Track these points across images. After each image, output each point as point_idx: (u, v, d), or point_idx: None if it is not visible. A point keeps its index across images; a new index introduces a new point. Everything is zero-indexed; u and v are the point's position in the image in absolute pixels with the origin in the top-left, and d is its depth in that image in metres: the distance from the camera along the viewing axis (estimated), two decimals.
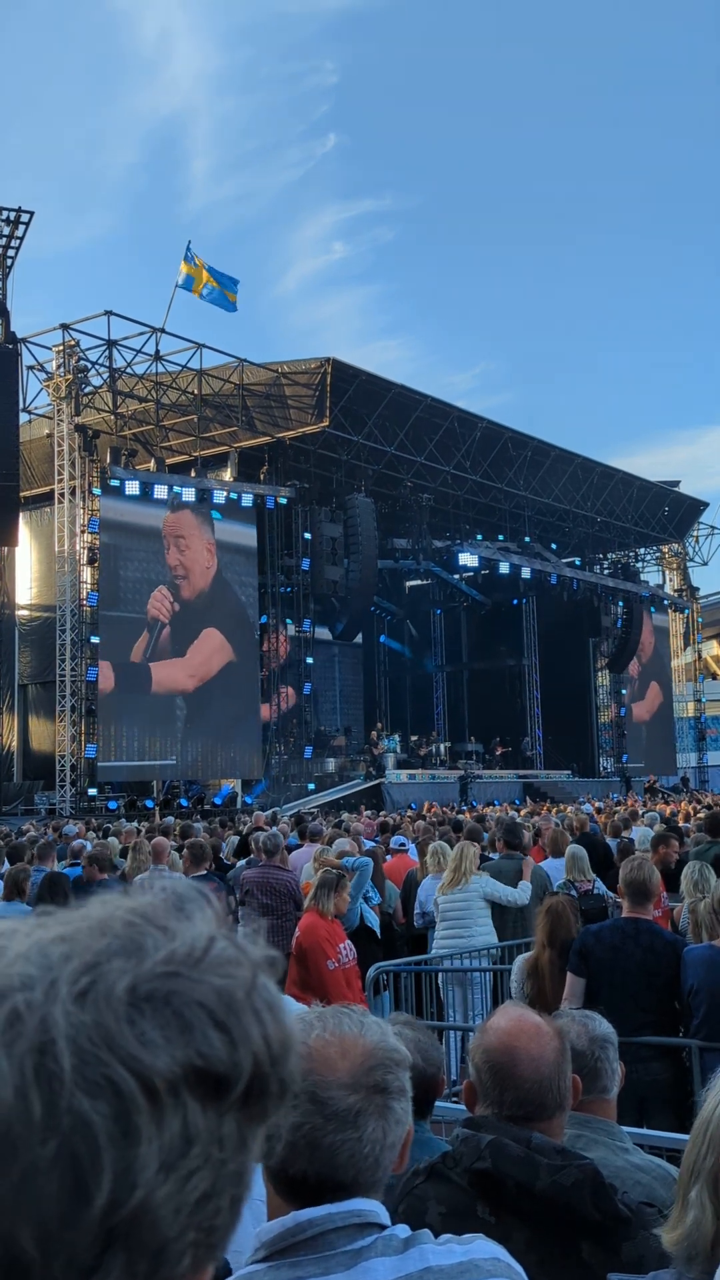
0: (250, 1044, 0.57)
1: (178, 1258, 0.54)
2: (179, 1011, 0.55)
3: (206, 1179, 0.55)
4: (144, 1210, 0.52)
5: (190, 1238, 0.55)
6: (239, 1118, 0.57)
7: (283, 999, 0.62)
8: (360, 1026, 1.53)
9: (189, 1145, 0.54)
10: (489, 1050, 2.28)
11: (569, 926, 5.79)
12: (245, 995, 0.58)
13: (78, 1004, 0.53)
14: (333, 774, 35.89)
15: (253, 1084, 0.57)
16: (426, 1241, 1.48)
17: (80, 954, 0.56)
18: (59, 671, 29.98)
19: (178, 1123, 0.54)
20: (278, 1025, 0.59)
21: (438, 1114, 3.56)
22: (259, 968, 0.61)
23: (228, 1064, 0.56)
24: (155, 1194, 0.52)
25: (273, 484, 33.96)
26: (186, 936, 0.58)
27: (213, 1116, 0.55)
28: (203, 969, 0.57)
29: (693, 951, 5.64)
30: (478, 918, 8.69)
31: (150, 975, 0.56)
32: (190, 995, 0.56)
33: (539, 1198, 2.11)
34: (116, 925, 0.58)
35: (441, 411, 37.02)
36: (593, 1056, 2.99)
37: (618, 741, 46.50)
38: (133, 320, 31.02)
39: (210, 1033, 0.56)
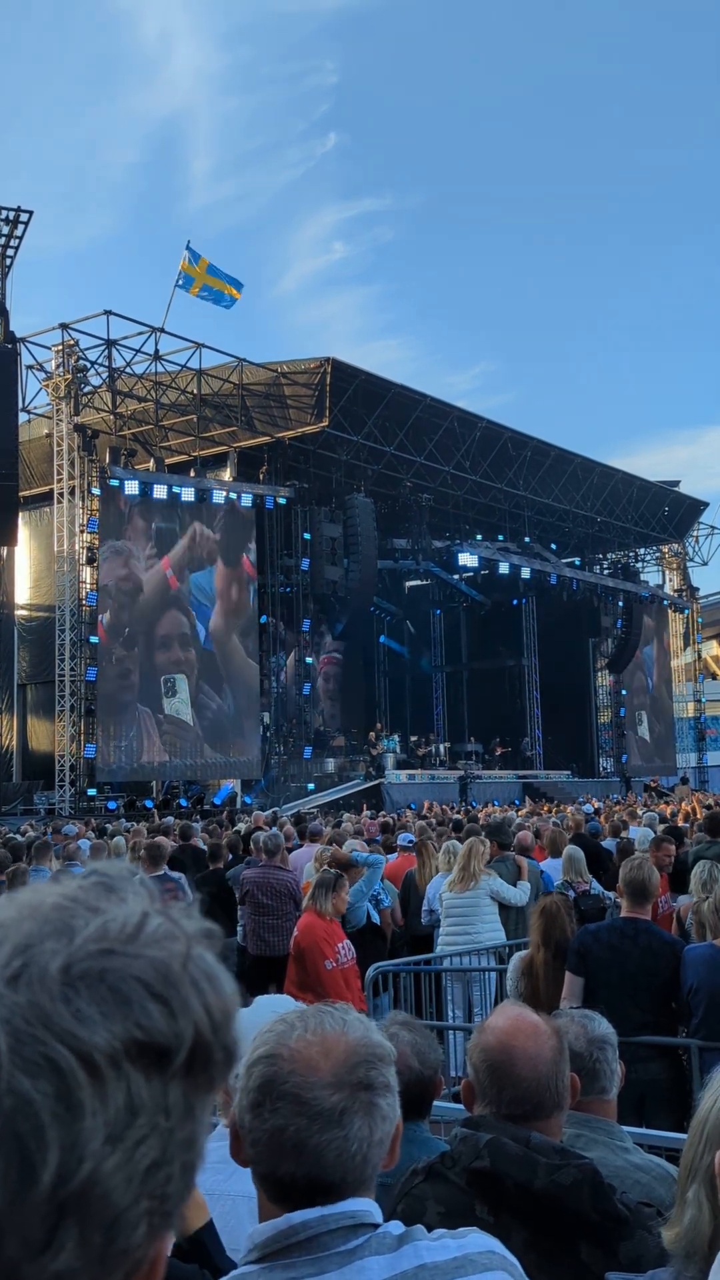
0: (190, 1014, 0.58)
1: (132, 1227, 0.55)
2: (114, 987, 0.56)
3: (155, 1147, 0.56)
4: (93, 1182, 0.52)
5: (144, 1206, 0.55)
6: (184, 1086, 0.58)
7: (221, 969, 0.62)
8: (342, 1024, 1.51)
9: (134, 1115, 0.55)
10: (487, 1049, 2.27)
11: (563, 926, 5.79)
12: (181, 967, 0.59)
13: (10, 987, 0.54)
14: (332, 774, 35.90)
15: (195, 1053, 0.58)
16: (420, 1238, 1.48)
17: (10, 938, 0.56)
18: (58, 671, 29.99)
19: (121, 1094, 0.54)
20: (217, 994, 0.60)
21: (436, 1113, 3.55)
22: (194, 940, 0.61)
23: (168, 1034, 0.57)
24: (103, 1165, 0.53)
25: (272, 484, 33.96)
26: (118, 915, 0.59)
27: (157, 1086, 0.56)
28: (137, 945, 0.58)
29: (693, 951, 5.65)
30: (485, 916, 8.68)
31: (83, 954, 0.56)
32: (125, 970, 0.57)
33: (537, 1197, 2.11)
34: (46, 909, 0.58)
35: (441, 411, 37.02)
36: (591, 1057, 2.99)
37: (617, 742, 46.51)
38: (132, 320, 31.06)
39: (148, 1005, 0.56)
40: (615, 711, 46.71)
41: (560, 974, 5.67)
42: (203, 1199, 2.13)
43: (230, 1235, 2.25)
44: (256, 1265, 1.42)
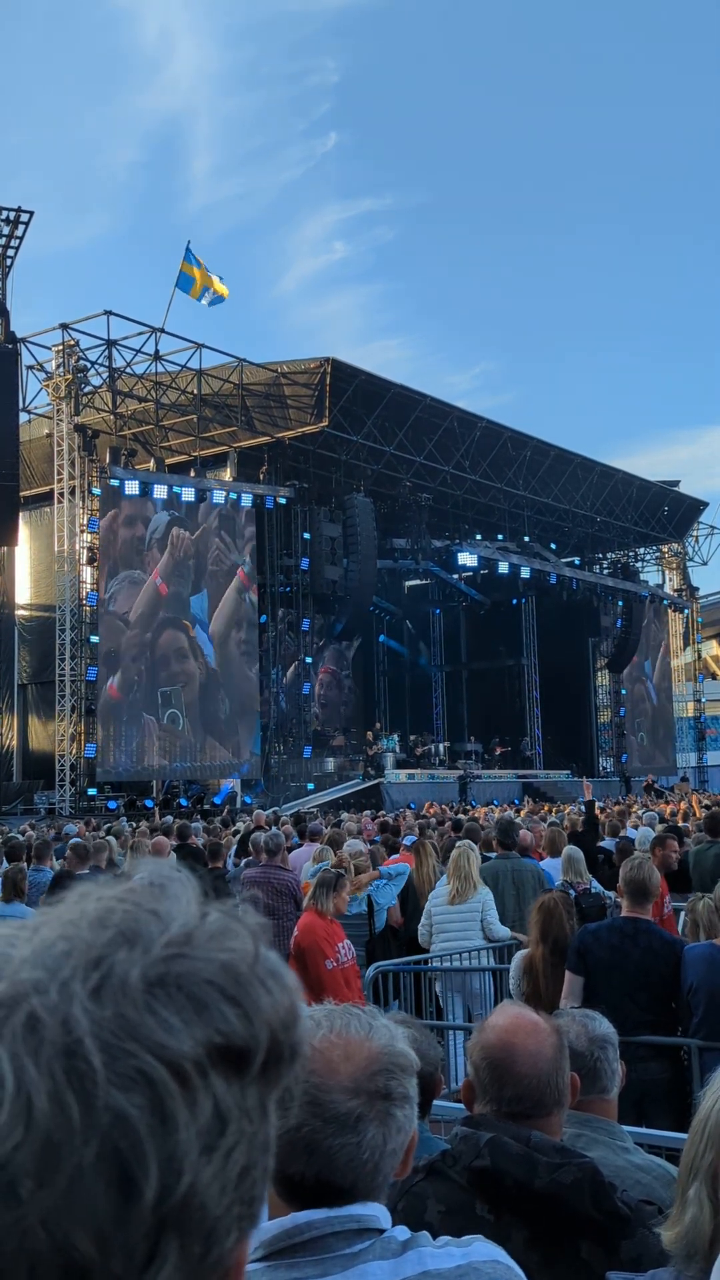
0: (263, 1014, 0.57)
1: (226, 1233, 0.55)
2: (191, 993, 0.55)
3: (244, 1153, 0.55)
4: (193, 1194, 0.52)
5: (236, 1212, 0.55)
6: (260, 1089, 0.57)
7: (284, 967, 0.62)
8: (368, 1029, 1.50)
9: (224, 1124, 0.54)
10: (487, 1047, 2.28)
11: (561, 923, 5.78)
12: (249, 968, 0.58)
13: (95, 1000, 0.53)
14: (332, 774, 35.91)
15: (270, 1053, 0.57)
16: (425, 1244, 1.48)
17: (83, 950, 0.55)
18: (58, 671, 30.00)
19: (209, 1103, 0.54)
20: (284, 992, 0.60)
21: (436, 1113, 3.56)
22: (257, 936, 0.60)
23: (246, 1037, 0.56)
24: (201, 1176, 0.53)
25: (272, 484, 33.97)
26: (179, 916, 0.58)
27: (238, 1090, 0.56)
28: (204, 946, 0.57)
29: (693, 950, 5.65)
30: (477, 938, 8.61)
31: (156, 960, 0.55)
32: (199, 975, 0.56)
33: (538, 1196, 2.11)
34: (110, 916, 0.57)
35: (441, 411, 37.03)
36: (592, 1056, 2.99)
37: (617, 742, 46.52)
38: (132, 320, 31.08)
39: (225, 1009, 0.56)
40: (615, 711, 46.72)
41: (560, 970, 5.68)
42: None
43: None
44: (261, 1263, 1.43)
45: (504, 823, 10.95)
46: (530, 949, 5.93)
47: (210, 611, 32.63)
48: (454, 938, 8.57)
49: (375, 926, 8.90)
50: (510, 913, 8.78)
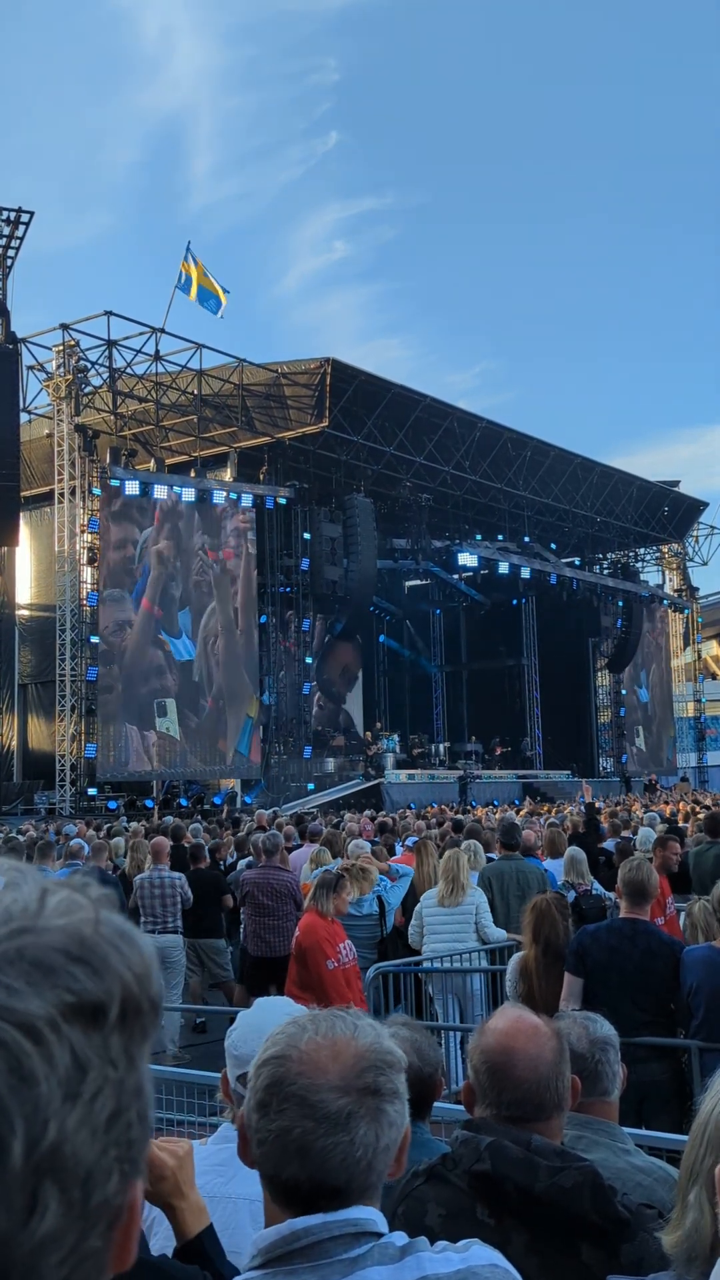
0: (113, 971, 0.61)
1: (106, 1176, 0.58)
2: (35, 960, 0.59)
3: (110, 1098, 0.59)
4: (61, 1140, 0.56)
5: (112, 1155, 0.59)
6: (122, 1038, 0.61)
7: (131, 928, 0.65)
8: (353, 1029, 1.50)
9: (84, 1071, 0.58)
10: (486, 1051, 2.28)
11: (554, 923, 5.78)
12: (94, 930, 0.62)
13: None
14: (332, 774, 35.91)
15: (126, 1006, 0.61)
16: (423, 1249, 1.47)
17: None
18: (59, 671, 30.01)
19: (67, 1055, 0.57)
20: (134, 950, 0.64)
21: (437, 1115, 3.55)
22: (98, 904, 0.64)
23: (97, 992, 0.60)
24: (67, 1122, 0.56)
25: (272, 484, 33.97)
26: (19, 897, 0.62)
27: (98, 1041, 0.59)
28: (44, 919, 0.61)
29: (693, 952, 5.65)
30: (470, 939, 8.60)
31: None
32: (44, 944, 0.60)
33: (538, 1200, 2.11)
34: None
35: (441, 411, 37.03)
36: (593, 1059, 2.99)
37: (617, 742, 46.52)
38: (132, 320, 31.09)
39: (72, 969, 0.60)
40: (615, 711, 46.73)
41: (553, 971, 5.68)
42: (203, 1203, 2.13)
43: (231, 1238, 2.24)
44: (259, 1271, 1.42)
45: (506, 824, 10.95)
46: (525, 950, 5.93)
47: (210, 611, 32.62)
48: (445, 939, 8.55)
49: (386, 927, 8.90)
50: (515, 914, 8.74)
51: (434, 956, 8.62)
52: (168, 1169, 2.03)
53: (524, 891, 9.07)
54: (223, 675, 32.67)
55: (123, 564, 30.76)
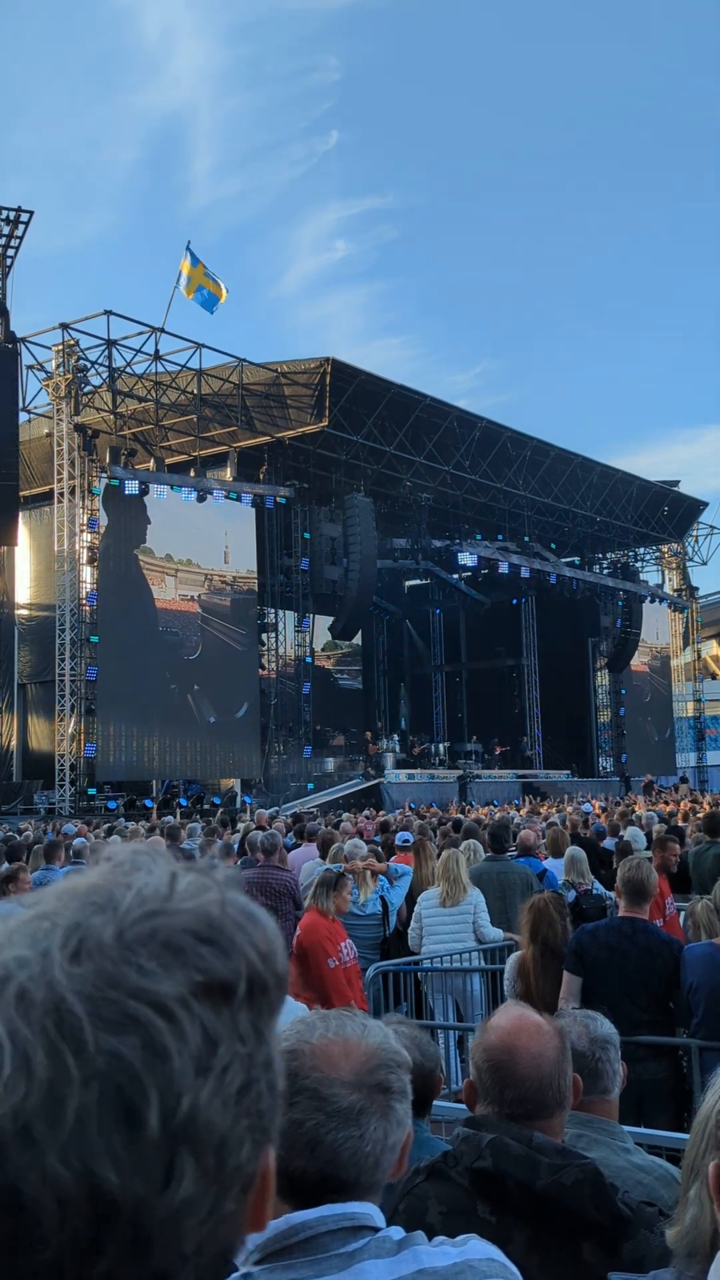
0: (239, 950, 0.65)
1: (239, 1144, 0.62)
2: (166, 942, 0.62)
3: (240, 1071, 0.63)
4: (195, 1111, 0.60)
5: (244, 1124, 0.63)
6: (250, 1014, 0.64)
7: (256, 908, 0.69)
8: (363, 1029, 1.53)
9: (214, 1046, 0.62)
10: (489, 1049, 2.28)
11: (551, 922, 5.78)
12: (220, 911, 0.65)
13: (74, 962, 0.60)
14: (332, 774, 35.91)
15: (252, 983, 0.65)
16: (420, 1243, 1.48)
17: (60, 922, 0.62)
18: (58, 671, 30.01)
19: (198, 1031, 0.61)
20: (259, 930, 0.67)
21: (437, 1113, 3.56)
22: (224, 886, 0.68)
23: (225, 972, 0.63)
24: (200, 1094, 0.60)
25: (272, 484, 33.97)
26: (150, 881, 0.65)
27: (227, 1018, 0.63)
28: (175, 901, 0.64)
29: (693, 950, 5.66)
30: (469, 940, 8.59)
31: (130, 920, 0.63)
32: (174, 926, 0.63)
33: (539, 1197, 2.11)
34: (82, 891, 0.65)
35: (440, 411, 37.02)
36: (593, 1057, 3.00)
37: (617, 742, 46.51)
38: (132, 320, 31.07)
39: (202, 949, 0.63)
40: (615, 711, 46.72)
41: (551, 970, 5.68)
42: None
43: None
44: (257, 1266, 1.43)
45: (496, 825, 10.94)
46: (522, 949, 5.94)
47: (211, 611, 32.64)
48: (444, 940, 8.54)
49: (388, 928, 8.90)
50: (495, 916, 8.74)
51: (433, 956, 8.62)
52: None
53: (504, 893, 9.05)
54: (223, 675, 32.67)
55: (122, 563, 30.74)
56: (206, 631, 32.55)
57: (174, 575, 31.82)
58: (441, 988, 8.73)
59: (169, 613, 31.82)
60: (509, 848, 10.40)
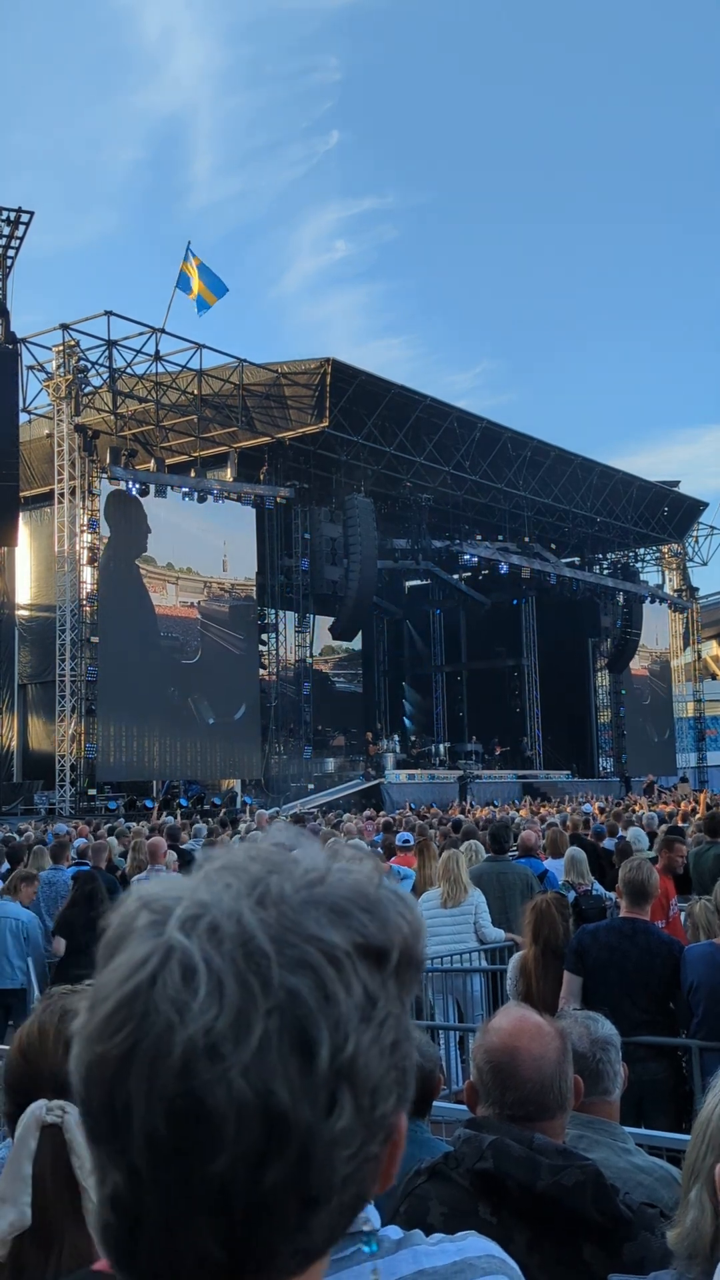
0: (393, 924, 0.71)
1: (388, 1093, 0.68)
2: (332, 905, 0.68)
3: (393, 1028, 0.68)
4: (358, 1054, 0.65)
5: (392, 1077, 0.68)
6: (397, 984, 0.70)
7: (405, 893, 0.75)
8: None
9: (374, 1002, 0.67)
10: (490, 1050, 2.28)
11: (553, 923, 5.79)
12: (376, 890, 0.71)
13: (259, 907, 0.66)
14: (332, 774, 35.91)
15: (402, 956, 0.70)
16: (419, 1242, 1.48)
17: (243, 876, 0.69)
18: (58, 671, 30.01)
19: (360, 986, 0.67)
20: (409, 910, 0.73)
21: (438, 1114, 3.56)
22: (377, 870, 0.74)
23: (381, 938, 0.69)
24: (362, 1039, 0.66)
25: (272, 484, 33.98)
26: (312, 856, 0.72)
27: (379, 981, 0.68)
28: (335, 874, 0.71)
29: (693, 950, 5.66)
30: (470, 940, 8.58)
31: (301, 884, 0.69)
32: (338, 893, 0.69)
33: (540, 1198, 2.11)
34: (261, 855, 0.71)
35: (441, 412, 37.02)
36: (594, 1058, 3.00)
37: (617, 742, 46.51)
38: (132, 320, 31.09)
39: (362, 917, 0.69)
40: (615, 711, 46.72)
41: (552, 970, 5.68)
42: None
43: None
44: None
45: (497, 826, 10.94)
46: (524, 949, 5.94)
47: (211, 611, 32.65)
48: (445, 941, 8.52)
49: None
50: (495, 916, 8.74)
51: (434, 957, 8.61)
52: None
53: (504, 894, 9.04)
54: (222, 678, 32.68)
55: (123, 569, 30.76)
56: (206, 637, 32.56)
57: (174, 583, 31.84)
58: (442, 988, 8.72)
59: (169, 619, 31.84)
60: (509, 848, 10.40)
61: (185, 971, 0.63)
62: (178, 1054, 0.62)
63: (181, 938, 0.65)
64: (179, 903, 0.67)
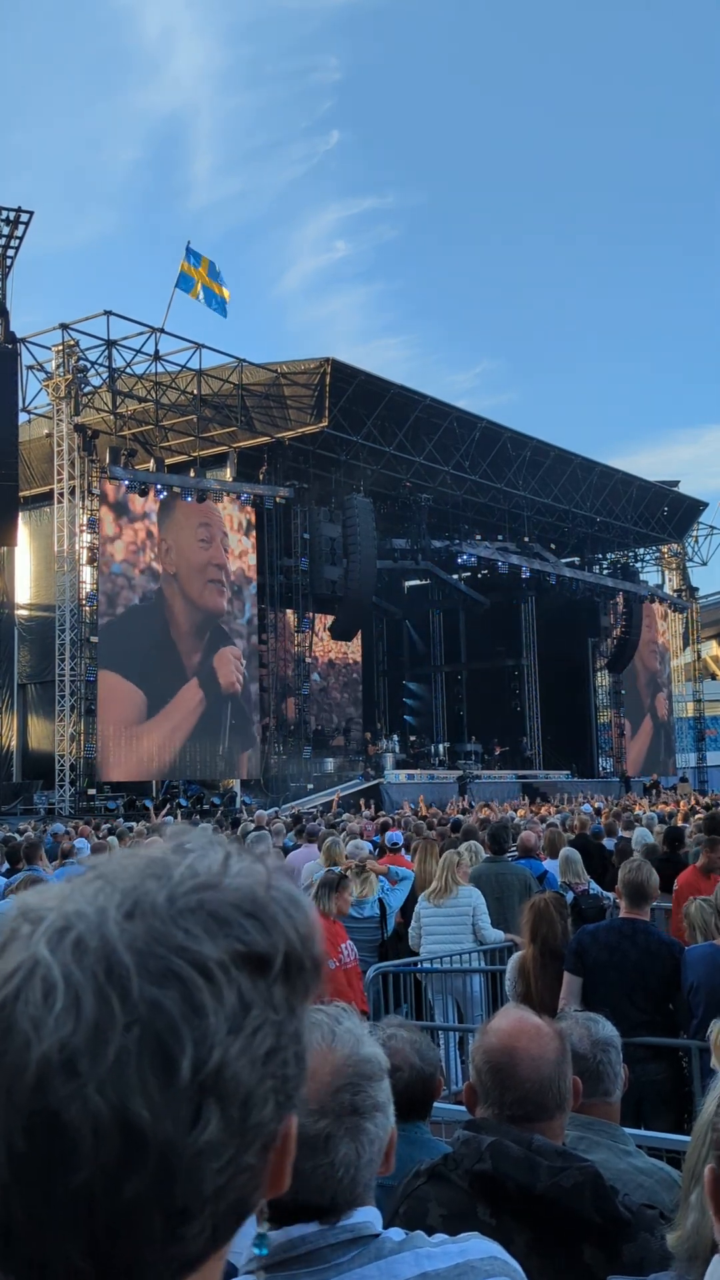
0: (280, 928, 0.70)
1: (262, 1102, 0.67)
2: (213, 912, 0.68)
3: (270, 1036, 0.68)
4: (224, 1064, 0.65)
5: (269, 1085, 0.68)
6: (284, 989, 0.70)
7: (301, 894, 0.74)
8: (331, 1037, 1.47)
9: (247, 1009, 0.67)
10: (489, 1051, 2.28)
11: (551, 923, 5.78)
12: (265, 892, 0.71)
13: (127, 920, 0.66)
14: (331, 774, 35.90)
15: (289, 961, 0.70)
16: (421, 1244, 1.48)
17: (117, 885, 0.68)
18: (58, 671, 30.01)
19: (234, 994, 0.66)
20: (300, 913, 0.73)
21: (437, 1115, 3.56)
22: (274, 872, 0.73)
23: (264, 945, 0.69)
24: (230, 1050, 0.65)
25: (271, 484, 33.98)
26: (207, 860, 0.71)
27: (262, 987, 0.68)
28: (225, 879, 0.70)
29: (694, 951, 5.66)
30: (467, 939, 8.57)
31: (182, 891, 0.68)
32: (220, 899, 0.69)
33: (539, 1200, 2.11)
34: (142, 863, 0.70)
35: (440, 411, 37.02)
36: (594, 1059, 2.99)
37: (617, 742, 46.50)
38: (132, 320, 31.09)
39: (244, 922, 0.69)
40: (615, 711, 46.71)
41: (551, 971, 5.68)
42: None
43: None
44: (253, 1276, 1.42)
45: (496, 826, 10.93)
46: (523, 950, 5.94)
47: (210, 611, 32.64)
48: (442, 940, 8.52)
49: (386, 930, 8.89)
50: (493, 917, 8.73)
51: (432, 957, 8.61)
52: None
53: (502, 894, 9.04)
54: (222, 676, 32.67)
55: (122, 563, 30.78)
56: (206, 637, 32.52)
57: (174, 583, 31.79)
58: (442, 989, 8.71)
59: (168, 617, 31.79)
60: (508, 849, 10.39)
61: (46, 987, 0.63)
62: (33, 1069, 0.62)
63: (46, 952, 0.65)
64: (50, 914, 0.67)
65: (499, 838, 10.01)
